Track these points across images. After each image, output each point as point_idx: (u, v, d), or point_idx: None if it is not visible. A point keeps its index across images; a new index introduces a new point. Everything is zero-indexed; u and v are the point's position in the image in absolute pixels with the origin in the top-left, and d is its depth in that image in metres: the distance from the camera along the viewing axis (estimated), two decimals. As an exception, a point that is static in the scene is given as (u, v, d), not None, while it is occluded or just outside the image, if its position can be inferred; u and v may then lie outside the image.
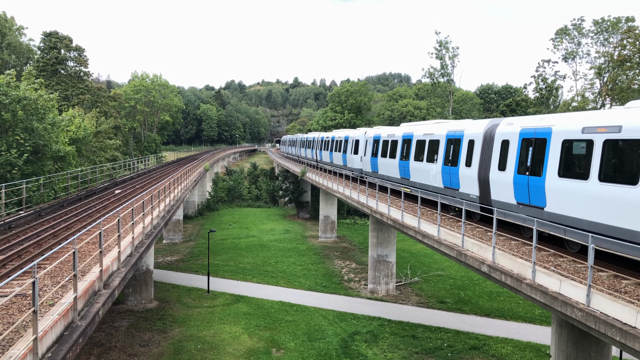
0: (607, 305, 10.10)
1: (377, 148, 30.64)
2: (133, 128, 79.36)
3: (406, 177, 25.18)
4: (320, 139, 50.01)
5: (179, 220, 49.18)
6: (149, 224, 20.60)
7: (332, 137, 43.50)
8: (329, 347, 23.84)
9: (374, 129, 34.10)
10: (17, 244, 16.69)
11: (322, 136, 49.55)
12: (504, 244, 15.19)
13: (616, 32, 52.18)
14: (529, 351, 23.79)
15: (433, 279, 36.39)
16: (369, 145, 32.42)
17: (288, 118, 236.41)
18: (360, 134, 35.44)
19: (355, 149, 35.46)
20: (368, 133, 33.90)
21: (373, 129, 34.75)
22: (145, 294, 29.54)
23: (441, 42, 64.85)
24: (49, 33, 56.82)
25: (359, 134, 35.42)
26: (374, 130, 33.29)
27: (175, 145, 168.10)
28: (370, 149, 32.20)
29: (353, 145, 35.71)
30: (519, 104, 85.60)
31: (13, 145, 26.47)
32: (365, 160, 33.40)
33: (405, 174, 25.23)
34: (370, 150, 32.08)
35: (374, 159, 31.09)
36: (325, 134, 48.47)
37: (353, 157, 35.83)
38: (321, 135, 50.53)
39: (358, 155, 35.16)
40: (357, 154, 35.33)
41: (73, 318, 10.26)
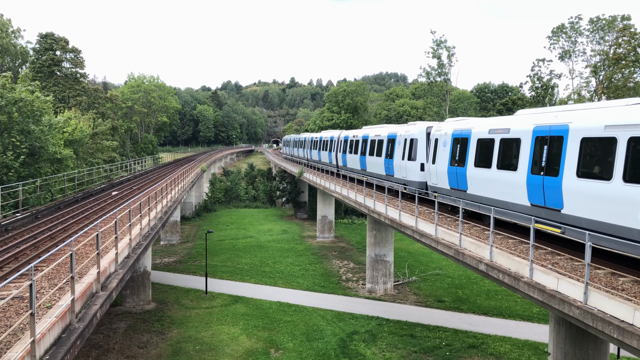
0: (604, 302, 10.13)
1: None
2: (130, 129, 79.23)
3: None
4: (351, 138, 36.82)
5: (176, 222, 49.11)
6: (146, 226, 20.56)
7: (364, 136, 33.33)
8: (328, 347, 23.84)
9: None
10: (14, 247, 16.63)
11: (348, 135, 38.16)
12: (502, 243, 15.22)
13: (612, 30, 52.32)
14: (527, 349, 23.84)
15: (431, 278, 36.43)
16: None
17: (285, 118, 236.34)
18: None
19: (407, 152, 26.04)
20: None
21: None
22: (143, 295, 29.48)
23: (438, 41, 64.89)
24: (45, 34, 56.70)
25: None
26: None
27: (172, 146, 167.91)
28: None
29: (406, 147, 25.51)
30: (515, 102, 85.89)
31: (9, 147, 26.38)
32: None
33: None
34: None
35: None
36: (356, 132, 36.66)
37: (407, 165, 25.20)
38: (348, 134, 38.49)
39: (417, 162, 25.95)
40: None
41: (71, 320, 10.23)
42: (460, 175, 18.52)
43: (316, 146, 50.56)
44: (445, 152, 19.86)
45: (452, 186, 19.38)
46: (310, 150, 54.84)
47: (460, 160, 18.58)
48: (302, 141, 61.42)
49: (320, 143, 48.40)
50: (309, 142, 55.81)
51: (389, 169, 27.35)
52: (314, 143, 52.29)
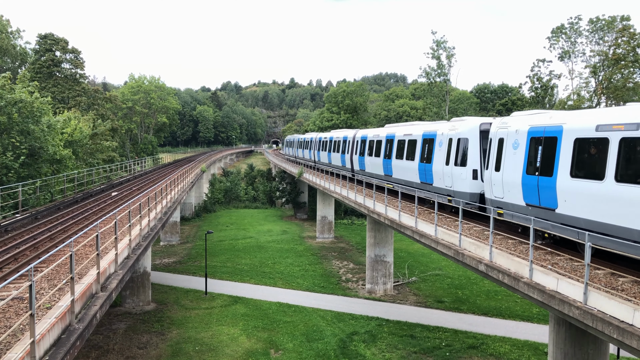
0: (604, 303, 10.13)
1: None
2: (130, 130, 79.23)
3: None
4: (370, 138, 31.46)
5: (176, 222, 49.11)
6: (146, 226, 20.55)
7: (388, 136, 28.22)
8: (327, 348, 23.84)
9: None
10: (14, 247, 16.62)
11: (366, 135, 32.63)
12: (501, 243, 15.23)
13: (611, 31, 52.36)
14: (526, 349, 23.84)
15: (431, 278, 36.43)
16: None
17: (285, 119, 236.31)
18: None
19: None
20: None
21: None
22: (143, 296, 29.48)
23: (438, 42, 64.95)
24: (44, 35, 56.67)
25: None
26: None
27: (171, 146, 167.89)
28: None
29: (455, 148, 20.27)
30: (515, 103, 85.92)
31: (9, 148, 26.38)
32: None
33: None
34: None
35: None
36: (377, 131, 31.56)
37: (454, 171, 20.35)
38: (366, 134, 32.86)
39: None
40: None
41: (70, 321, 10.23)
42: (546, 187, 13.92)
43: (326, 147, 45.65)
44: (518, 156, 15.17)
45: (529, 202, 14.58)
46: (317, 152, 50.02)
47: (545, 167, 14.04)
48: (308, 142, 56.45)
49: (331, 144, 43.13)
50: (317, 143, 50.87)
51: (425, 176, 22.35)
52: (322, 144, 47.54)
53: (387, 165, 27.85)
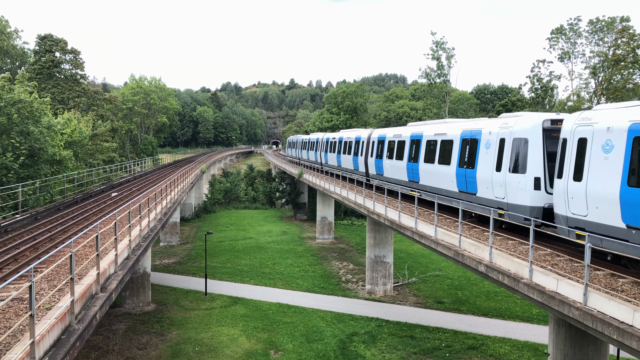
0: (604, 303, 10.13)
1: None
2: (130, 130, 79.23)
3: None
4: (390, 139, 28.06)
5: (175, 223, 49.10)
6: (146, 227, 20.55)
7: (413, 136, 24.87)
8: (327, 349, 23.83)
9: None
10: (14, 248, 16.61)
11: (384, 135, 29.33)
12: (501, 244, 15.23)
13: (611, 32, 52.40)
14: (526, 350, 23.84)
15: (430, 279, 36.42)
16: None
17: (284, 119, 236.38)
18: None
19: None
20: None
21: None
22: (143, 296, 29.46)
23: (437, 43, 64.98)
24: (44, 36, 56.66)
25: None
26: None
27: (171, 147, 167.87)
28: None
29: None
30: (515, 103, 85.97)
31: (8, 148, 26.37)
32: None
33: None
34: None
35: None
36: (398, 130, 28.00)
37: (508, 179, 16.72)
38: (384, 134, 29.53)
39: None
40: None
41: (70, 321, 10.22)
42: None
43: (334, 148, 41.48)
44: (612, 162, 11.50)
45: (631, 223, 10.89)
46: (324, 154, 45.84)
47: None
48: (314, 142, 51.91)
49: (341, 145, 39.04)
50: (324, 144, 46.62)
51: (467, 184, 18.75)
52: (330, 145, 43.35)
53: (413, 170, 24.18)
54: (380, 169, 29.44)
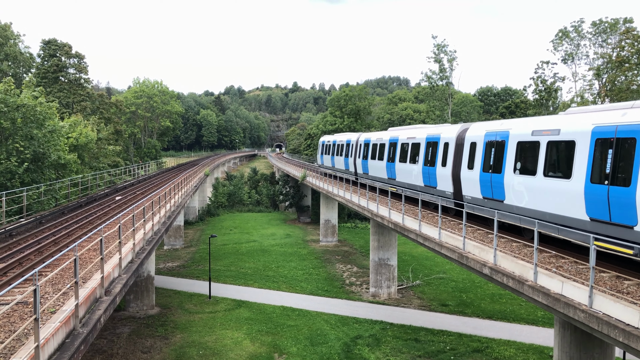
0: (609, 306, 10.08)
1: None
2: (133, 134, 79.47)
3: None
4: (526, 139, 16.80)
5: (179, 226, 49.16)
6: (150, 230, 20.59)
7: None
8: (332, 352, 23.78)
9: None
10: (18, 252, 16.67)
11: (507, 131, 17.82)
12: (505, 246, 15.18)
13: (614, 33, 52.27)
14: (532, 353, 23.72)
15: (435, 281, 36.32)
16: None
17: (288, 122, 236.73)
18: None
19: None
20: None
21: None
22: (147, 300, 29.50)
23: (439, 46, 64.97)
24: (48, 41, 56.98)
25: None
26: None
27: (175, 151, 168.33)
28: None
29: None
30: (518, 105, 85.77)
31: (13, 153, 26.48)
32: None
33: None
34: None
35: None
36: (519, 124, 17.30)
37: None
38: (508, 129, 17.61)
39: None
40: None
41: (75, 325, 10.24)
42: None
43: (384, 154, 29.54)
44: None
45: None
46: (363, 161, 33.97)
47: None
48: (345, 146, 38.76)
49: (393, 149, 27.90)
50: (362, 148, 34.64)
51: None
52: (377, 149, 31.01)
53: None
54: (498, 189, 21.44)
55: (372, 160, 31.57)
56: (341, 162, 39.35)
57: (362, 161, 33.89)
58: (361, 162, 34.23)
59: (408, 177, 25.34)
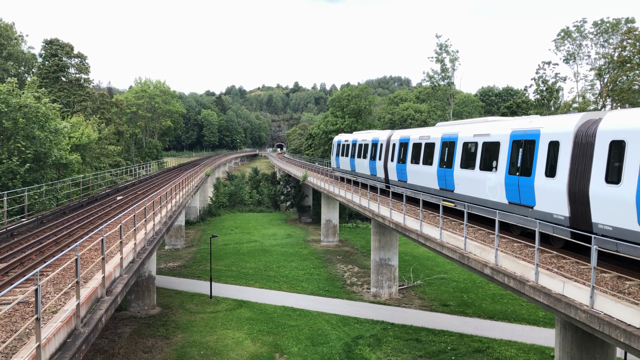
0: (611, 306, 10.06)
1: None
2: (135, 134, 79.51)
3: None
4: None
5: (180, 226, 49.18)
6: (151, 230, 20.60)
7: None
8: (333, 352, 23.78)
9: None
10: (20, 252, 16.68)
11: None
12: (507, 246, 15.16)
13: (616, 33, 52.17)
14: (533, 353, 23.70)
15: (436, 282, 36.30)
16: None
17: (289, 122, 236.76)
18: None
19: None
20: None
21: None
22: (148, 300, 29.52)
23: (441, 46, 64.92)
24: (50, 41, 57.02)
25: None
26: None
27: (176, 150, 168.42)
28: None
29: None
30: (520, 106, 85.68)
31: (14, 153, 26.51)
32: None
33: None
34: None
35: None
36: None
37: None
38: None
39: None
40: None
41: (76, 325, 10.25)
42: None
43: (428, 156, 23.39)
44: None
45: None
46: (400, 165, 26.75)
47: None
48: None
49: (449, 150, 21.40)
50: (396, 148, 27.59)
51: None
52: (418, 150, 24.74)
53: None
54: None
55: (414, 164, 24.78)
56: (364, 166, 33.49)
57: (396, 165, 27.02)
58: (395, 167, 27.30)
59: (477, 189, 18.49)
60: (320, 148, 79.80)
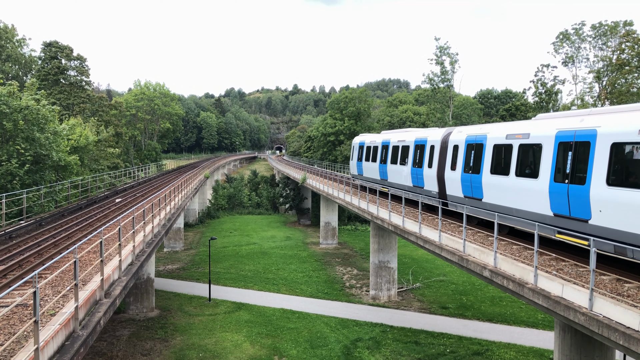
0: (609, 309, 10.06)
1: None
2: (134, 136, 79.51)
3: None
4: None
5: (179, 229, 49.13)
6: (150, 233, 20.58)
7: None
8: (331, 355, 23.74)
9: None
10: (18, 254, 16.66)
11: None
12: (506, 249, 15.17)
13: (614, 36, 52.29)
14: (532, 356, 23.68)
15: (435, 284, 36.28)
16: None
17: (288, 125, 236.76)
18: None
19: None
20: None
21: None
22: (147, 302, 29.46)
23: (441, 48, 65.05)
24: (49, 43, 57.03)
25: None
26: None
27: (175, 153, 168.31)
28: None
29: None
30: (519, 108, 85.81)
31: (14, 155, 26.48)
32: None
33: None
34: None
35: None
36: None
37: None
38: None
39: None
40: None
41: (74, 328, 10.23)
42: None
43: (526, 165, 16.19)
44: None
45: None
46: (475, 177, 18.83)
47: None
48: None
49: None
50: (459, 152, 20.61)
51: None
52: (501, 154, 17.57)
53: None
54: None
55: (499, 175, 17.14)
56: (403, 175, 26.41)
57: (461, 176, 19.63)
58: (459, 178, 19.81)
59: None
60: (319, 150, 79.79)
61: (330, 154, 75.86)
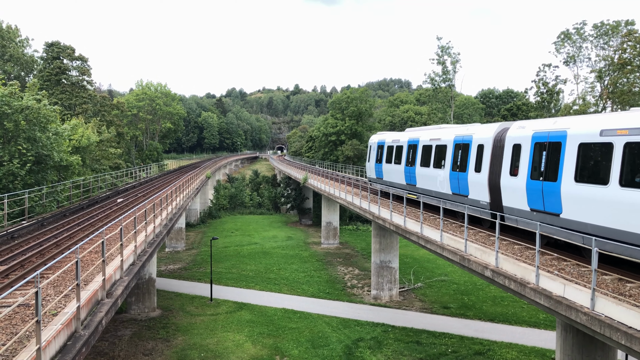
0: (611, 308, 10.05)
1: None
2: (135, 136, 79.59)
3: None
4: None
5: (181, 229, 49.17)
6: (151, 233, 20.59)
7: None
8: (333, 354, 23.74)
9: None
10: (20, 254, 16.68)
11: None
12: (507, 249, 15.15)
13: (616, 35, 52.18)
14: (534, 356, 23.66)
15: (436, 284, 36.26)
16: None
17: (289, 125, 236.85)
18: None
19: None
20: None
21: None
22: (148, 302, 29.49)
23: (443, 48, 65.02)
24: (51, 43, 57.10)
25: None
26: None
27: (177, 153, 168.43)
28: None
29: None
30: (520, 108, 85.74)
31: (15, 155, 26.52)
32: None
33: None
34: None
35: None
36: None
37: None
38: None
39: None
40: None
41: (76, 327, 10.24)
42: None
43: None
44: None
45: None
46: (536, 184, 15.15)
47: None
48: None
49: None
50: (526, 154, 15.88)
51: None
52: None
53: None
54: None
55: (586, 184, 12.92)
56: (439, 180, 22.07)
57: (527, 183, 15.55)
58: (525, 186, 15.66)
59: None
60: (320, 150, 79.78)
61: (331, 154, 75.82)
